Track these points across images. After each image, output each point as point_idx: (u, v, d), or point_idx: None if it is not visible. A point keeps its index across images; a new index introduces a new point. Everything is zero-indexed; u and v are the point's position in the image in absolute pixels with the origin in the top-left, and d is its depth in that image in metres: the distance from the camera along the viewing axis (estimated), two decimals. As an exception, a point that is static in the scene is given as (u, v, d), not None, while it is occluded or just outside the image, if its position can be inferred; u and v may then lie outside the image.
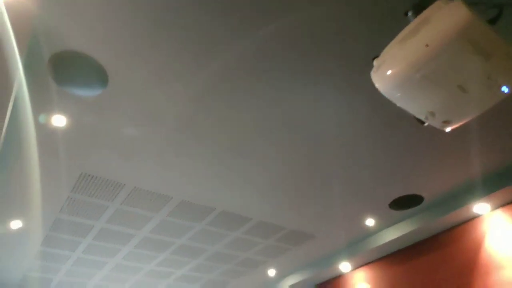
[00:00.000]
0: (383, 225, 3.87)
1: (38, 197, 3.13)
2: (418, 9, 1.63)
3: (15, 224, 3.45)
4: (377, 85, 1.66)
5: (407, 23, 1.61)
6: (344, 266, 4.37)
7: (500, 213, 3.32)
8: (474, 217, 3.48)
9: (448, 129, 1.74)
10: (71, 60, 2.00)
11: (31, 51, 1.89)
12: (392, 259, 4.09)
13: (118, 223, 3.53)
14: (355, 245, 4.16)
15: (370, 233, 4.01)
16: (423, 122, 1.78)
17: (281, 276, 4.94)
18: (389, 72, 1.58)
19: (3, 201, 3.12)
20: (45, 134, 2.45)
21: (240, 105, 2.35)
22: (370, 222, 3.77)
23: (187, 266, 4.50)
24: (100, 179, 2.93)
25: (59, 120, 2.36)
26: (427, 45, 1.46)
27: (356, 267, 4.42)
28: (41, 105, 2.24)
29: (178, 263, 4.41)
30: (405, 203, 3.46)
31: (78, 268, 4.38)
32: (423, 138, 2.71)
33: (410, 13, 1.77)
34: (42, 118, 2.34)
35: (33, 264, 4.23)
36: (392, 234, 3.82)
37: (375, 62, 1.67)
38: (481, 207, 3.33)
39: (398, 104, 1.69)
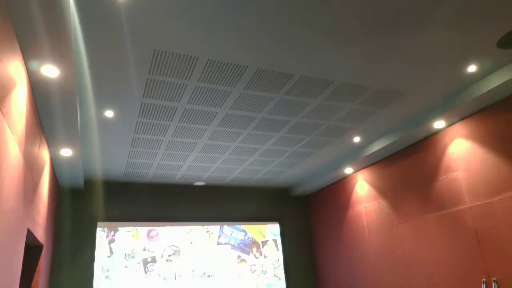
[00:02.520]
0: (488, 69, 3.36)
1: (123, 85, 3.20)
2: None
3: (108, 114, 3.66)
4: None
5: None
6: (439, 124, 4.06)
7: None
8: None
9: None
10: None
11: None
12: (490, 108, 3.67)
13: (198, 102, 3.55)
14: (451, 98, 3.77)
15: (470, 81, 3.55)
16: None
17: (366, 143, 4.82)
18: None
19: (96, 93, 3.25)
20: (109, 11, 2.33)
21: None
22: (471, 68, 3.30)
23: (270, 140, 4.56)
24: (173, 55, 2.83)
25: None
26: None
27: (452, 123, 4.09)
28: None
29: (261, 138, 4.47)
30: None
31: (171, 152, 4.68)
32: None
33: None
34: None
35: (132, 152, 4.61)
36: (498, 79, 3.33)
37: None
38: None
39: None
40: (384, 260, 4.88)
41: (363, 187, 5.40)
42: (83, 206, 5.46)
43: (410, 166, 4.62)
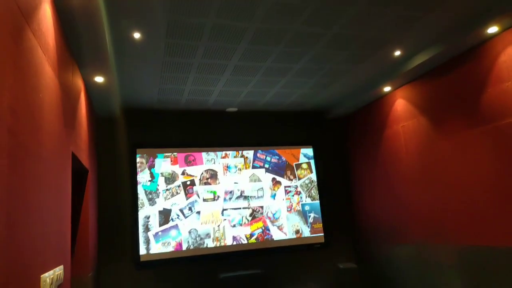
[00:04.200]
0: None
1: (146, 1, 3.03)
2: None
3: (136, 35, 3.54)
4: None
5: None
6: (492, 29, 3.68)
7: None
8: None
9: None
10: None
11: None
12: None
13: (226, 16, 3.34)
14: (508, -1, 3.35)
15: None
16: None
17: (408, 56, 4.50)
18: None
19: (121, 12, 3.11)
20: None
21: None
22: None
23: (304, 58, 4.34)
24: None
25: None
26: None
27: (508, 27, 3.69)
28: None
29: (294, 55, 4.26)
30: None
31: (202, 75, 4.58)
32: None
33: None
34: None
35: (164, 78, 4.55)
36: None
37: None
38: None
39: None
40: (422, 179, 4.82)
41: (401, 106, 5.18)
42: (121, 134, 5.61)
43: (454, 80, 4.33)
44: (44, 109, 2.23)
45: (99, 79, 3.93)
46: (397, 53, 4.38)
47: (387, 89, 5.26)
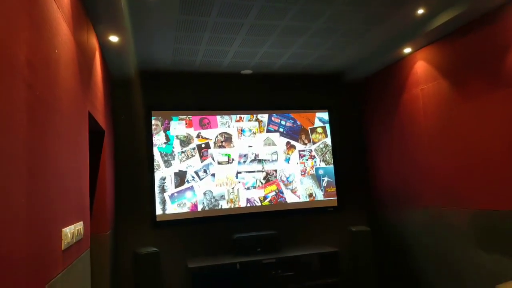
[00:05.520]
0: None
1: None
2: None
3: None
4: None
5: None
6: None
7: None
8: None
9: None
10: None
11: None
12: None
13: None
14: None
15: None
16: None
17: (431, 15, 4.30)
18: None
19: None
20: None
21: None
22: None
23: (322, 17, 4.19)
24: None
25: None
26: None
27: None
28: None
29: (312, 13, 4.11)
30: None
31: (217, 35, 4.48)
32: None
33: None
34: None
35: (178, 38, 4.47)
36: None
37: None
38: None
39: None
40: (439, 143, 4.73)
41: (422, 68, 5.01)
42: (136, 96, 5.61)
43: (477, 41, 4.14)
44: (61, 65, 2.21)
45: (113, 38, 3.88)
46: (420, 11, 4.19)
47: (407, 50, 5.07)
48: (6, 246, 1.29)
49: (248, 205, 5.90)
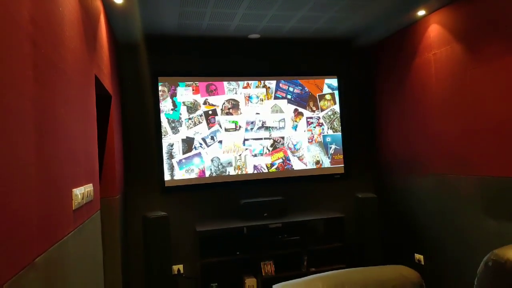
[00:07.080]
0: None
1: None
2: None
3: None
4: None
5: None
6: None
7: None
8: None
9: None
10: None
11: None
12: None
13: None
14: None
15: None
16: None
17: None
18: None
19: None
20: None
21: None
22: None
23: (334, -23, 4.03)
24: None
25: None
26: None
27: None
28: None
29: (324, -26, 3.95)
30: None
31: (219, 10, 4.36)
32: None
33: None
34: None
35: (182, 11, 4.34)
36: None
37: None
38: None
39: None
40: (450, 109, 4.65)
41: (435, 32, 4.85)
42: (143, 61, 5.54)
43: (494, 3, 3.96)
44: (65, 24, 2.16)
45: (118, 0, 3.78)
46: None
47: (421, 13, 4.89)
48: (18, 201, 1.30)
49: (255, 171, 5.93)
